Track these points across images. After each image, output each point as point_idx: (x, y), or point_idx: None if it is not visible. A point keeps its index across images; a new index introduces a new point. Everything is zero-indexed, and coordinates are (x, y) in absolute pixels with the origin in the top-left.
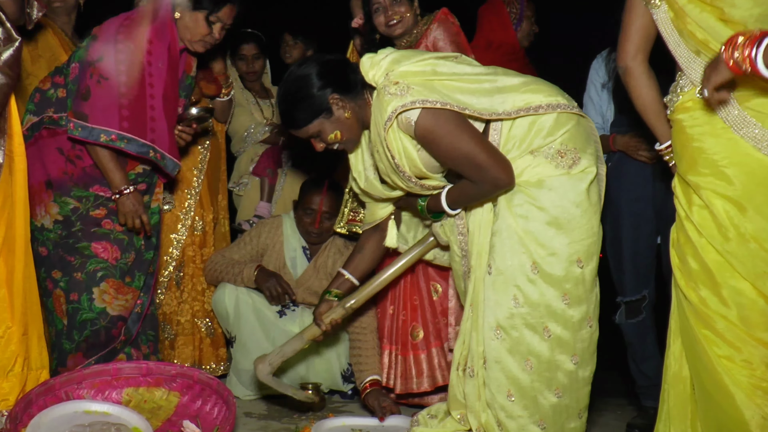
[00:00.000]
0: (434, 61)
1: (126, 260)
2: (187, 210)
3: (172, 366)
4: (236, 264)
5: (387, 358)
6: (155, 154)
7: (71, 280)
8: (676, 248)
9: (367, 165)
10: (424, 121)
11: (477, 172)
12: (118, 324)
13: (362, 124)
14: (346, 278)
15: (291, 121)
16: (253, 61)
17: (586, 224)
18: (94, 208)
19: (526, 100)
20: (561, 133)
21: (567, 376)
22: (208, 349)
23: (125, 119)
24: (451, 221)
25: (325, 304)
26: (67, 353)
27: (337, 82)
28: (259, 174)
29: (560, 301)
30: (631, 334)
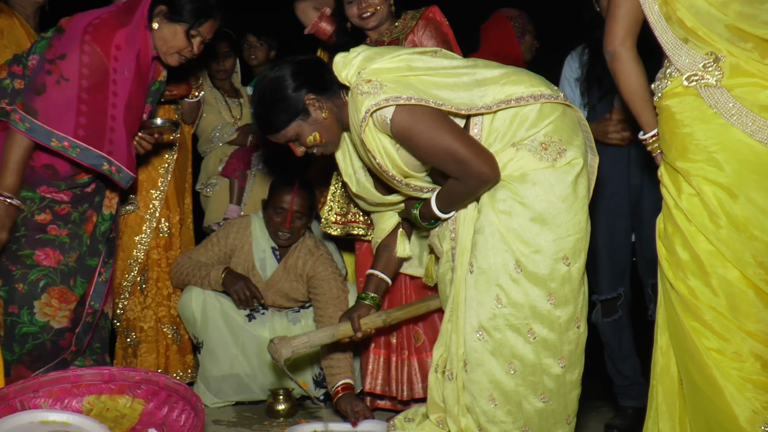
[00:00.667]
0: (409, 57)
1: (67, 262)
2: (153, 211)
3: (137, 372)
4: (203, 266)
5: (374, 363)
6: (110, 167)
7: (11, 290)
8: (664, 239)
9: (356, 167)
10: (400, 119)
11: (460, 168)
12: (65, 335)
13: (341, 125)
14: (381, 278)
15: (268, 125)
16: (224, 59)
17: (573, 219)
18: (40, 212)
19: (507, 92)
20: (545, 125)
21: (554, 380)
22: (175, 357)
23: (82, 127)
24: (446, 228)
25: (363, 308)
26: (9, 364)
27: (313, 82)
28: (229, 175)
29: (545, 302)
30: (607, 333)
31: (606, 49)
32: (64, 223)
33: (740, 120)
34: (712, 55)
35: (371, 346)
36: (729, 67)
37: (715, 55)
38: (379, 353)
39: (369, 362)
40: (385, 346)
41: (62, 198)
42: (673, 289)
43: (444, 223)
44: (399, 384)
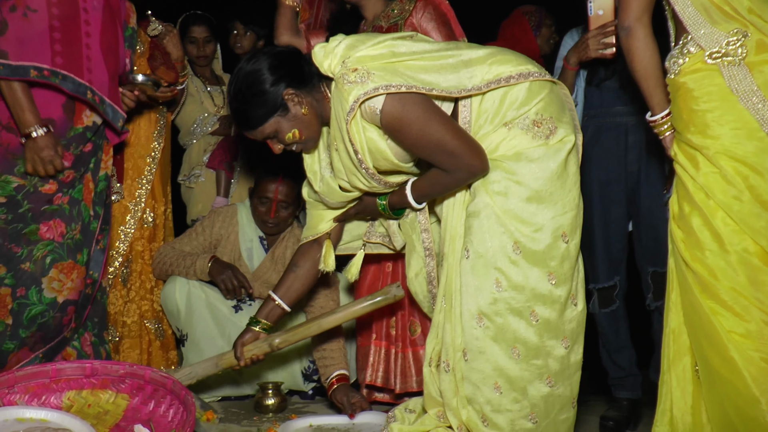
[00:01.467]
0: (391, 42)
1: (72, 234)
2: (138, 200)
3: (120, 365)
4: (188, 256)
5: (375, 355)
6: (93, 96)
7: (17, 273)
8: (679, 220)
9: (324, 164)
10: (391, 108)
11: (449, 159)
12: (68, 310)
13: (321, 120)
14: (277, 304)
15: (244, 121)
16: (204, 44)
17: (568, 195)
18: (43, 183)
19: (495, 72)
20: (535, 103)
21: (558, 362)
22: (158, 353)
23: (58, 54)
24: (412, 218)
25: (250, 334)
26: (8, 354)
27: (291, 75)
28: (216, 167)
29: (546, 281)
30: (604, 324)
31: (621, 25)
32: (69, 189)
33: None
34: (737, 32)
35: (372, 338)
36: (754, 44)
37: (742, 31)
38: (380, 344)
39: (370, 354)
40: (385, 337)
41: (64, 164)
42: (689, 270)
43: (409, 215)
44: (396, 377)
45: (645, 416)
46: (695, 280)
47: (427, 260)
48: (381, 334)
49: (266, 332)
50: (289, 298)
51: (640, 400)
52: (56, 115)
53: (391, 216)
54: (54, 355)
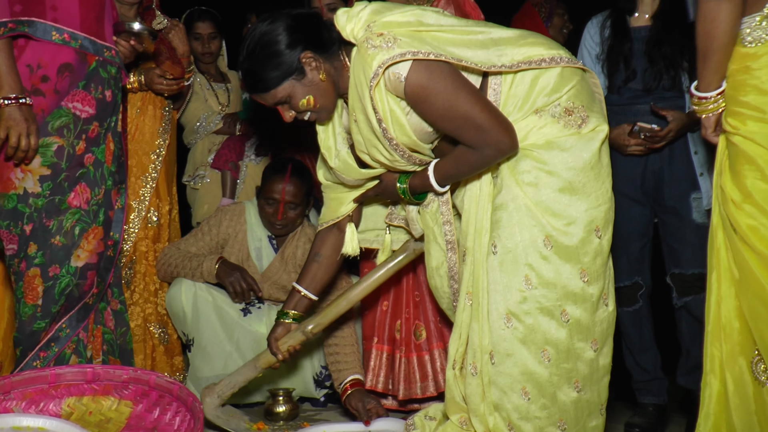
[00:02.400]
0: (420, 12)
1: (96, 198)
2: (142, 199)
3: (123, 370)
4: (194, 257)
5: (376, 359)
6: (61, 36)
7: (49, 249)
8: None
9: (339, 139)
10: (417, 76)
11: (477, 134)
12: (87, 275)
13: (337, 89)
14: (303, 295)
15: (256, 83)
16: (209, 40)
17: (601, 188)
18: (78, 140)
19: (525, 54)
20: (567, 89)
21: (587, 366)
22: (162, 358)
23: (16, 2)
24: (434, 209)
25: (281, 328)
26: (40, 332)
27: (310, 38)
28: (221, 167)
29: (578, 279)
30: (627, 324)
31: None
32: (95, 147)
33: None
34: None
35: (374, 341)
36: None
37: None
38: (382, 348)
39: (371, 358)
40: (389, 341)
41: (89, 112)
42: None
43: (431, 204)
44: (399, 383)
45: (672, 422)
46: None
47: (449, 254)
48: (383, 338)
49: (297, 323)
50: (314, 288)
51: (666, 406)
52: (70, 58)
53: (412, 200)
54: (78, 324)
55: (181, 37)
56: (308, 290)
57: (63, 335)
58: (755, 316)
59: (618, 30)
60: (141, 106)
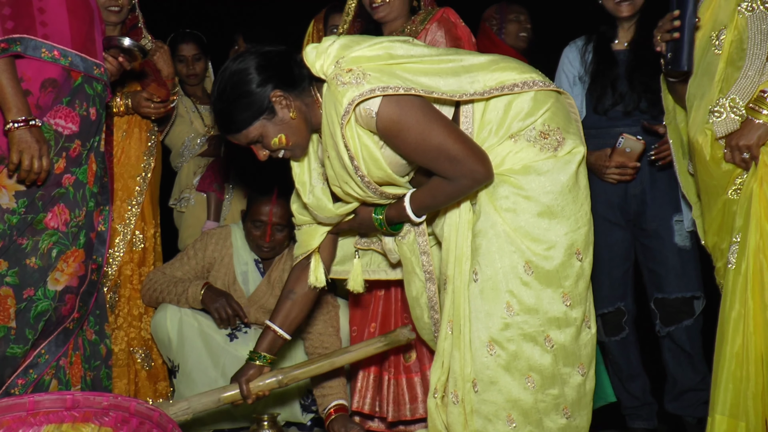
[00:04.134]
0: (388, 44)
1: (77, 220)
2: (128, 222)
3: (104, 396)
4: (179, 282)
5: (363, 381)
6: (51, 53)
7: (22, 270)
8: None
9: (315, 174)
10: (388, 111)
11: (452, 165)
12: (66, 298)
13: (310, 126)
14: (278, 335)
15: (228, 123)
16: (194, 62)
17: (580, 210)
18: (57, 157)
19: (498, 79)
20: (541, 113)
21: (575, 391)
22: (144, 383)
23: (8, 18)
24: (411, 240)
25: (253, 369)
26: (16, 359)
27: (280, 76)
28: (206, 189)
29: (561, 303)
30: (615, 352)
31: None
32: (76, 168)
33: None
34: None
35: (360, 363)
36: None
37: None
38: (369, 370)
39: (358, 379)
40: (377, 362)
41: (71, 129)
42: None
43: (408, 235)
44: (388, 404)
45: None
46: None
47: (428, 285)
48: (371, 359)
49: (269, 366)
50: (288, 327)
51: (656, 430)
52: (55, 74)
53: (389, 231)
54: (57, 350)
55: (166, 59)
56: (282, 329)
57: (42, 361)
58: None
59: (603, 55)
60: (127, 129)
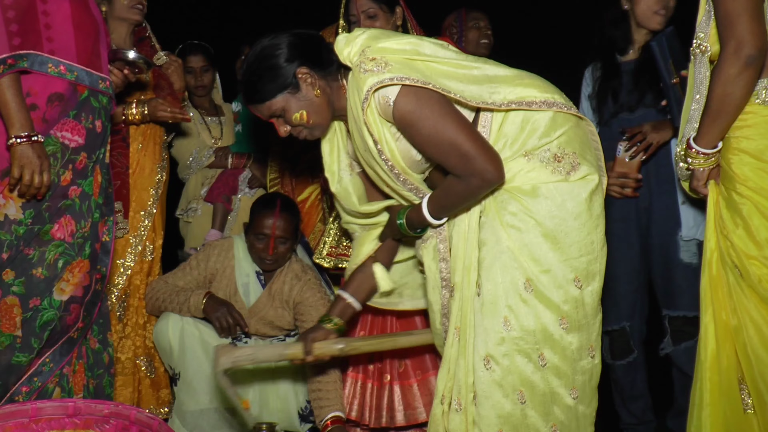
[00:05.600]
0: (417, 41)
1: (82, 231)
2: (140, 234)
3: (105, 404)
4: (181, 291)
5: (351, 387)
6: (57, 68)
7: (29, 280)
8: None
9: (343, 165)
10: (405, 100)
11: (463, 162)
12: (71, 308)
13: (333, 109)
14: (348, 302)
15: (253, 93)
16: (201, 73)
17: (585, 239)
18: (63, 170)
19: (519, 94)
20: (558, 135)
21: (564, 412)
22: (148, 391)
23: (15, 35)
24: (433, 245)
25: (321, 332)
26: (21, 368)
27: (308, 55)
28: (214, 200)
29: (557, 325)
30: (619, 374)
31: (745, 51)
32: (82, 180)
33: None
34: None
35: (348, 369)
36: None
37: None
38: (357, 377)
39: (345, 386)
40: (363, 370)
41: (78, 141)
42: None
43: (430, 240)
44: (375, 411)
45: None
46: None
47: (443, 291)
48: (358, 367)
49: (337, 332)
50: (360, 296)
51: None
52: (62, 88)
53: (411, 234)
54: (61, 359)
55: (179, 73)
56: (353, 297)
57: (46, 369)
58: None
59: (607, 67)
60: (143, 142)
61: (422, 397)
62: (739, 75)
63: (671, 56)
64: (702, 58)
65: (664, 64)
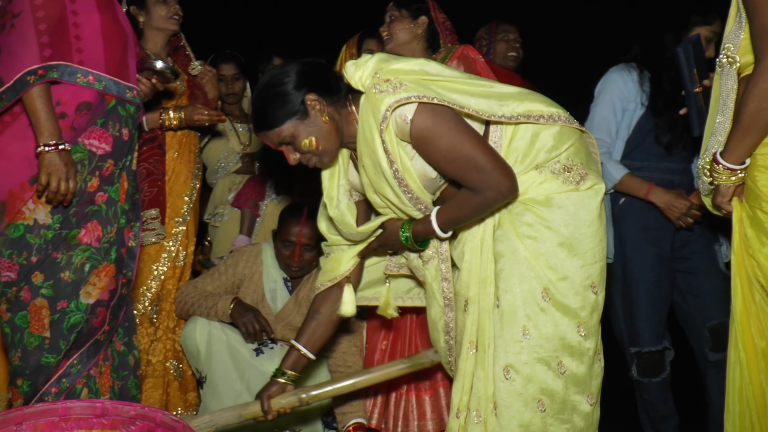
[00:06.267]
0: (423, 62)
1: (108, 236)
2: (174, 240)
3: (131, 406)
4: (210, 296)
5: (373, 396)
6: (86, 78)
7: (57, 283)
8: None
9: (341, 191)
10: (422, 118)
11: (479, 176)
12: (97, 311)
13: (341, 135)
14: (302, 354)
15: (263, 120)
16: (233, 82)
17: (598, 245)
18: (90, 176)
19: (526, 108)
20: (566, 147)
21: (583, 419)
22: (176, 393)
23: (46, 47)
24: (436, 265)
25: (276, 386)
26: (50, 368)
27: (317, 82)
28: (241, 206)
29: (575, 333)
30: (653, 392)
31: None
32: (108, 186)
33: None
34: None
35: None
36: None
37: None
38: (379, 386)
39: (367, 394)
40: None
41: (105, 149)
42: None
43: (432, 261)
44: (395, 420)
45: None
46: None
47: (446, 310)
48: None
49: (293, 383)
50: (313, 346)
51: None
52: (90, 97)
53: (415, 248)
54: (88, 360)
55: (214, 83)
56: (307, 348)
57: (74, 371)
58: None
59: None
60: (179, 150)
61: (432, 409)
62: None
63: (696, 64)
64: (729, 70)
65: (687, 72)
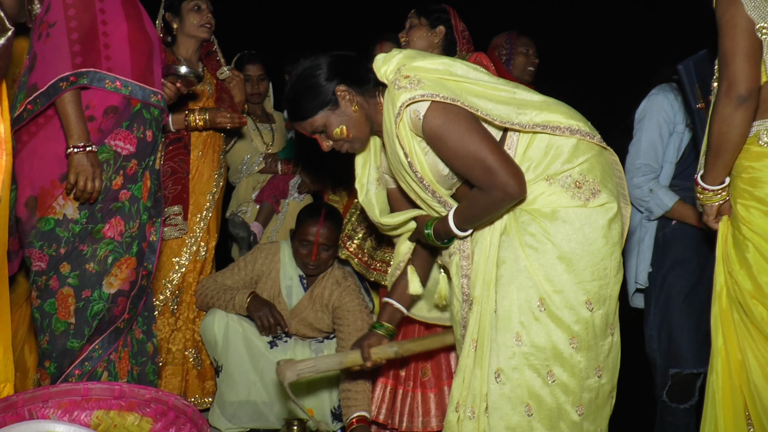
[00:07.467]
0: (450, 62)
1: (131, 231)
2: (195, 235)
3: (147, 390)
4: (228, 290)
5: (380, 391)
6: (113, 84)
7: (82, 273)
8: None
9: (371, 179)
10: (434, 115)
11: (486, 175)
12: (118, 300)
13: (371, 124)
14: (396, 307)
15: (296, 111)
16: (258, 82)
17: (599, 264)
18: (115, 175)
19: (545, 118)
20: (580, 162)
21: (570, 428)
22: (194, 381)
23: (78, 54)
24: (456, 261)
25: (375, 337)
26: (74, 352)
27: (346, 74)
28: (263, 200)
29: (567, 344)
30: (679, 417)
31: (735, 91)
32: (132, 184)
33: None
34: None
35: (379, 374)
36: None
37: None
38: (387, 382)
39: (376, 390)
40: (393, 376)
41: (129, 150)
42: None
43: (454, 256)
44: (401, 416)
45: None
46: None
47: (463, 305)
48: (389, 373)
49: (389, 336)
50: (404, 302)
51: None
52: (117, 101)
53: (438, 245)
54: (109, 346)
55: (241, 87)
56: (399, 303)
57: (96, 355)
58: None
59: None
60: (203, 149)
61: (437, 406)
62: (732, 114)
63: (698, 80)
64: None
65: (690, 88)
